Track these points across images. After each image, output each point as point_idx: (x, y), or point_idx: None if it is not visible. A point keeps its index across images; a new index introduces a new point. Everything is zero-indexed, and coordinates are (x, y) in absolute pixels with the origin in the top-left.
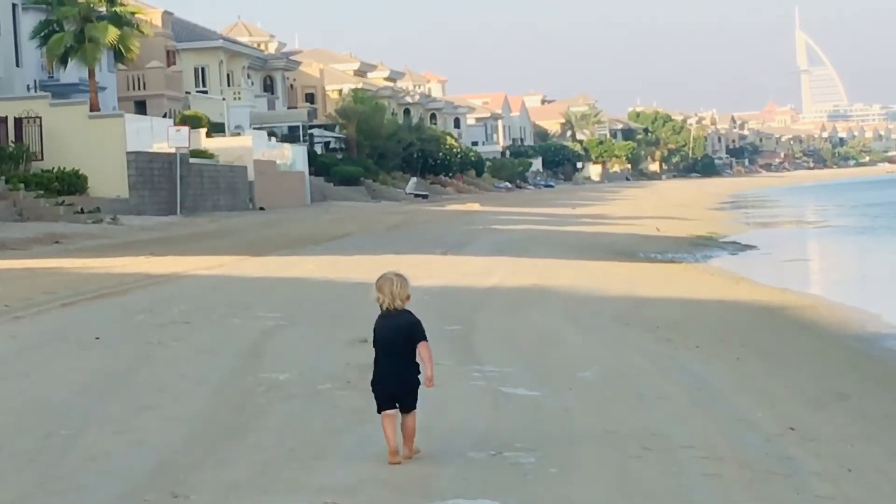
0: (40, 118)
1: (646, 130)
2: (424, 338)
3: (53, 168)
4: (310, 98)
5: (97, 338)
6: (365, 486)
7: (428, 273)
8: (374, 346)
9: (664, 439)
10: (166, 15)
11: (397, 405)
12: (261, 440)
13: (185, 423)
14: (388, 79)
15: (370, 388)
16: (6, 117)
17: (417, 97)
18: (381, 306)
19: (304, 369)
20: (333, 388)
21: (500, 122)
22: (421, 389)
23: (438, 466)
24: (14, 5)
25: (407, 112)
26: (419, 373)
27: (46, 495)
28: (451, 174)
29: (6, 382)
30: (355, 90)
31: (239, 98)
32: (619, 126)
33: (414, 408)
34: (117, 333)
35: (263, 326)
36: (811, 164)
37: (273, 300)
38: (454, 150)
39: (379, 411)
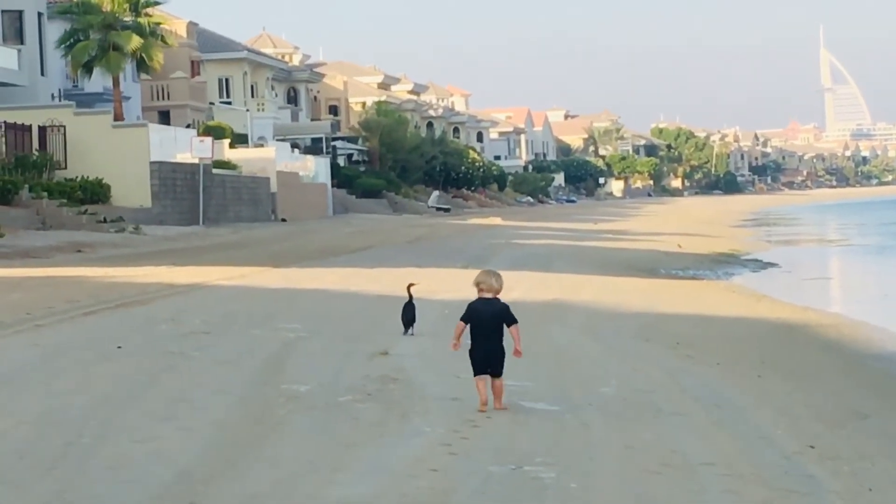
0: (64, 127)
1: (668, 147)
2: (515, 321)
3: (77, 177)
4: (333, 110)
5: (119, 347)
6: (384, 499)
7: (449, 287)
8: (470, 323)
9: (683, 456)
10: (191, 26)
11: (489, 371)
12: (280, 452)
13: (205, 433)
14: (411, 92)
15: (468, 356)
16: (31, 126)
17: (441, 111)
18: (480, 290)
19: (324, 381)
20: (354, 400)
21: (522, 137)
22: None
23: (459, 480)
24: (39, 14)
25: (430, 125)
26: (503, 347)
27: None
28: (473, 188)
29: (27, 390)
30: (379, 103)
31: (262, 109)
32: (642, 142)
33: (501, 374)
34: (139, 343)
35: (284, 338)
36: (834, 183)
37: (294, 312)
38: (476, 163)
39: (475, 375)
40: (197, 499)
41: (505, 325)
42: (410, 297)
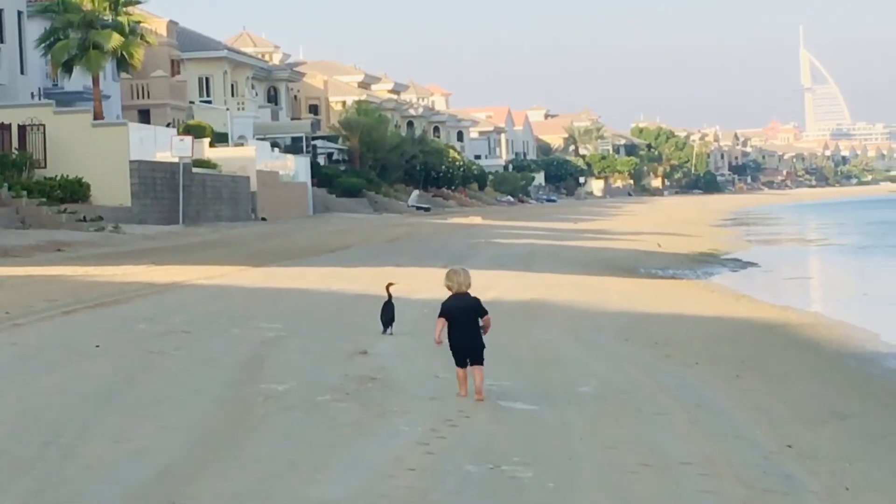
0: (44, 126)
1: (648, 146)
2: (486, 312)
3: (56, 176)
4: (313, 109)
5: (97, 346)
6: (362, 499)
7: (428, 286)
8: (448, 318)
9: (662, 455)
10: (171, 24)
11: (469, 360)
12: (259, 451)
13: (185, 432)
14: (391, 91)
15: (449, 352)
16: (10, 125)
17: (421, 110)
18: (450, 290)
19: (303, 380)
20: (332, 399)
21: (503, 136)
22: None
23: (436, 480)
24: (19, 13)
25: (410, 125)
26: (481, 337)
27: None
28: (453, 187)
29: (5, 390)
30: (359, 102)
31: (243, 108)
32: (622, 141)
33: (481, 363)
34: (118, 342)
35: (264, 337)
36: (813, 182)
37: (274, 311)
38: (457, 163)
39: (458, 366)
40: (177, 498)
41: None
42: (389, 296)
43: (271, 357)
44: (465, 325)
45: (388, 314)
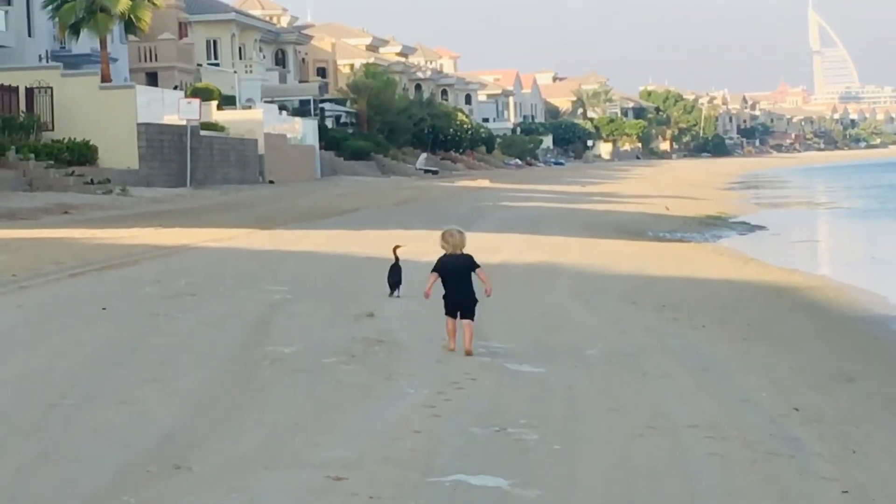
0: (51, 88)
1: (657, 109)
2: (478, 265)
3: (64, 138)
4: (321, 72)
5: (104, 309)
6: (368, 461)
7: (436, 248)
8: (442, 275)
9: (668, 418)
10: None
11: (458, 314)
12: (264, 414)
13: (190, 395)
14: (399, 54)
15: (443, 302)
16: (17, 87)
17: (429, 73)
18: (445, 251)
19: (309, 343)
20: (339, 362)
21: (511, 99)
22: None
23: (441, 442)
24: None
25: (418, 87)
26: (474, 293)
27: (48, 466)
28: (461, 150)
29: (11, 353)
30: (367, 65)
31: (250, 71)
32: (631, 105)
33: (472, 317)
34: (124, 305)
35: (270, 300)
36: (822, 146)
37: (280, 274)
38: (465, 126)
39: (446, 314)
40: (182, 461)
41: (474, 274)
42: (397, 259)
43: (278, 320)
44: (458, 280)
45: (395, 277)
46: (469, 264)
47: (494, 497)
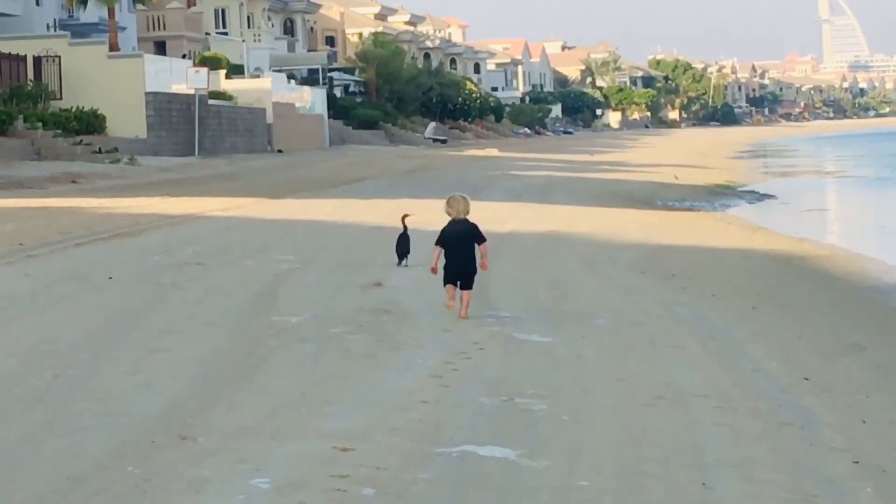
0: (59, 57)
1: (666, 78)
2: (485, 239)
3: (72, 107)
4: (330, 41)
5: (110, 278)
6: (374, 432)
7: (444, 218)
8: (444, 244)
9: (677, 388)
10: None
11: (458, 283)
12: (270, 384)
13: (196, 365)
14: (408, 23)
15: (442, 272)
16: (25, 56)
17: (438, 42)
18: (450, 216)
19: (316, 313)
20: (345, 331)
21: (519, 68)
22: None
23: (449, 413)
24: None
25: (427, 56)
26: (475, 263)
27: (53, 436)
28: (470, 119)
29: (17, 321)
30: (375, 34)
31: (259, 40)
32: (640, 74)
33: (470, 288)
34: (131, 274)
35: (278, 269)
36: (831, 115)
37: (288, 243)
38: (473, 95)
39: (444, 284)
40: (186, 431)
41: (476, 245)
42: (405, 228)
43: (285, 289)
44: (460, 249)
45: (403, 246)
46: (472, 233)
47: (502, 468)
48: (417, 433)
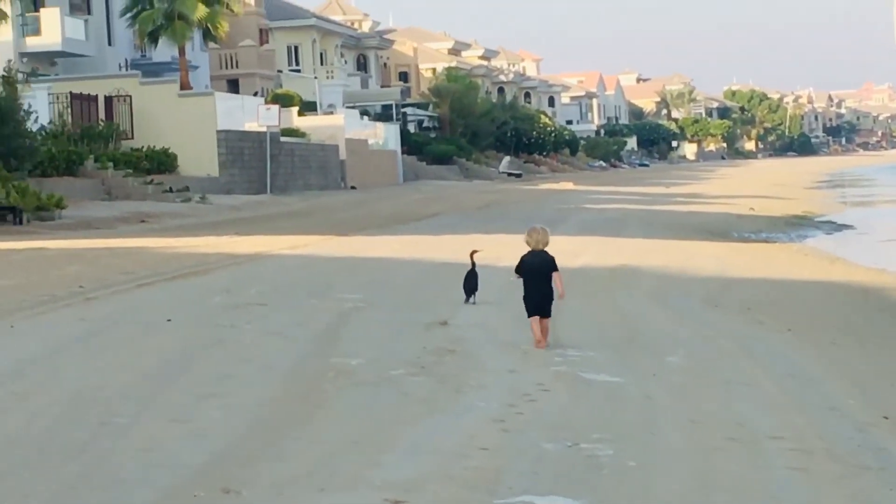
0: (130, 97)
1: (742, 109)
2: (557, 269)
3: (143, 147)
4: (403, 77)
5: (168, 320)
6: (429, 481)
7: (515, 253)
8: (523, 273)
9: (750, 429)
10: None
11: (541, 312)
12: (323, 431)
13: (247, 411)
14: (482, 57)
15: (522, 302)
16: (96, 96)
17: (511, 76)
18: (529, 246)
19: (378, 354)
20: (406, 373)
21: (594, 101)
22: None
23: (510, 460)
24: None
25: (501, 91)
26: (553, 291)
27: (90, 489)
28: (545, 153)
29: (66, 367)
30: (449, 69)
31: (332, 77)
32: (715, 105)
33: (549, 316)
34: (190, 316)
35: (342, 308)
36: None
37: (355, 281)
38: (548, 128)
39: (529, 316)
40: (230, 483)
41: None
42: (473, 264)
43: (347, 329)
44: (538, 279)
45: (471, 283)
46: (549, 264)
47: None
48: (475, 482)
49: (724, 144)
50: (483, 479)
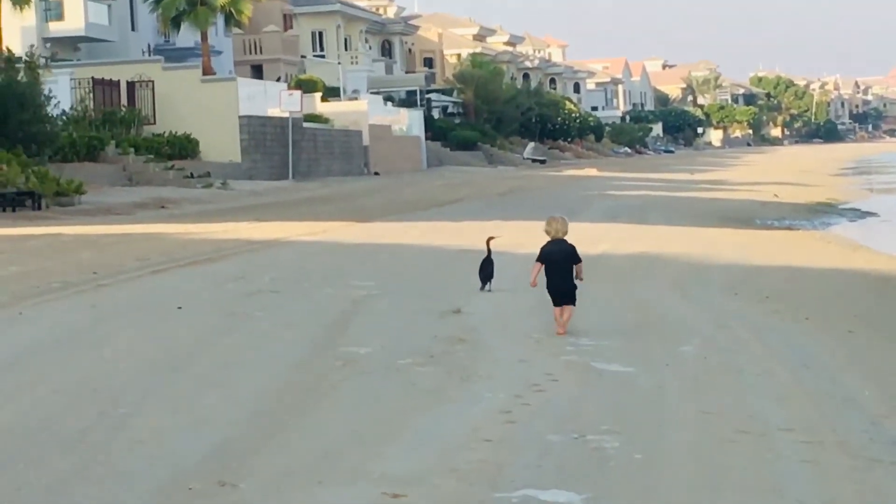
0: (153, 82)
1: (768, 95)
2: (580, 259)
3: (165, 132)
4: (428, 62)
5: (179, 307)
6: (430, 475)
7: (534, 240)
8: (544, 262)
9: (761, 421)
10: None
11: (565, 301)
12: (326, 422)
13: (251, 401)
14: (507, 43)
15: (546, 291)
16: (119, 81)
17: (537, 62)
18: (549, 235)
19: (387, 342)
20: (414, 363)
21: (620, 87)
22: None
23: (514, 452)
24: None
25: (526, 77)
26: (573, 280)
27: (85, 482)
28: (569, 139)
29: (73, 355)
30: (474, 55)
31: (356, 62)
32: (741, 91)
33: (573, 304)
34: (202, 303)
35: (355, 296)
36: None
37: (370, 268)
38: (573, 114)
39: (555, 306)
40: (227, 476)
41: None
42: (489, 251)
43: (359, 318)
44: (560, 269)
45: (486, 270)
46: (570, 254)
47: None
48: (477, 475)
49: (750, 131)
50: (485, 472)
